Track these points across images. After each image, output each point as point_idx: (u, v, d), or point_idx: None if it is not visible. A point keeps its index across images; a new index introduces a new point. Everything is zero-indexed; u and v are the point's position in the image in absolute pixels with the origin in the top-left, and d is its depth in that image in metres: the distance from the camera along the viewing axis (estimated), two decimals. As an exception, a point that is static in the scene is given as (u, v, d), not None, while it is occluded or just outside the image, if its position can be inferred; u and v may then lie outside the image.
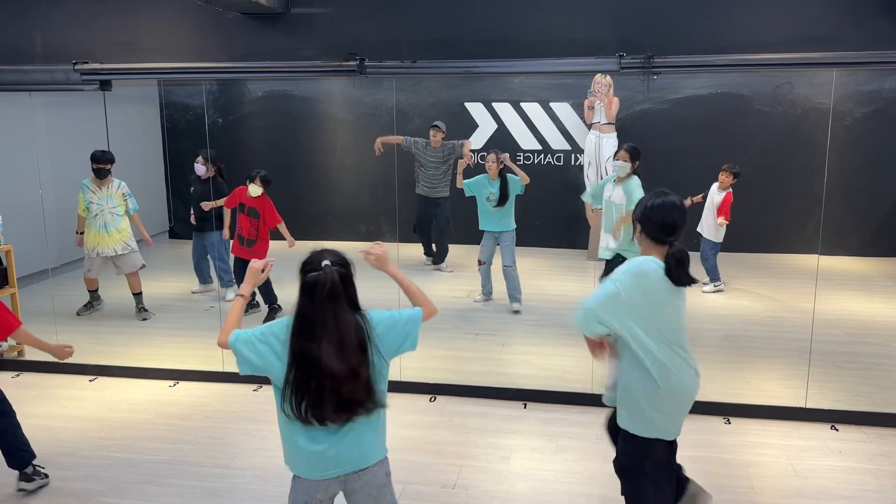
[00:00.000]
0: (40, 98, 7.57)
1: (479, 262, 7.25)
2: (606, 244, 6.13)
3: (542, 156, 10.00)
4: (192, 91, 10.36)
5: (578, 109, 9.77)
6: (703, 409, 4.86)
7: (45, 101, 7.84)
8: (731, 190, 7.73)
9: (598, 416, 4.76)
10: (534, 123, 9.99)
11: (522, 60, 5.12)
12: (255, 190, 6.68)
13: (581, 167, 9.75)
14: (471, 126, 10.09)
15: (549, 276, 7.41)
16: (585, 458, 4.30)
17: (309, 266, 2.56)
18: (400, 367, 5.43)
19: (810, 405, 4.84)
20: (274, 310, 6.89)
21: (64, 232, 8.25)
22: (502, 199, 6.93)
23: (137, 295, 7.12)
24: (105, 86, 5.64)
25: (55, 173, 8.21)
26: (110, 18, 5.58)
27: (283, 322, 2.60)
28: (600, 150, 9.20)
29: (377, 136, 10.28)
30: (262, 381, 5.37)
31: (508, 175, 6.97)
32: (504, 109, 10.04)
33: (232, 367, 5.77)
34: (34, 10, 5.64)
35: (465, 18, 5.18)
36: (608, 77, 8.97)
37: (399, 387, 5.23)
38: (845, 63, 4.75)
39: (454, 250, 8.99)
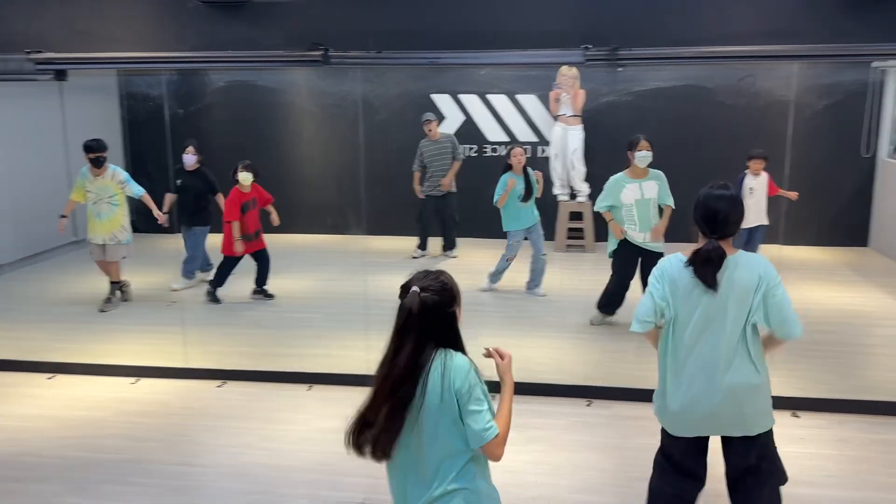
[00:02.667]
0: (-7, 88, 7.34)
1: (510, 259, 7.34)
2: (642, 240, 6.06)
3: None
4: (152, 81, 10.11)
5: (545, 101, 9.78)
6: (669, 398, 4.92)
7: (-2, 91, 7.62)
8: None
9: (568, 407, 4.80)
10: (500, 115, 9.99)
11: (488, 52, 5.10)
12: (246, 178, 6.77)
13: (547, 159, 9.77)
14: (438, 117, 10.05)
15: (516, 269, 7.42)
16: (555, 448, 4.31)
17: (403, 288, 2.33)
18: (368, 361, 5.39)
19: (773, 393, 4.90)
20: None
21: (20, 226, 8.04)
22: (528, 194, 7.09)
23: (113, 283, 7.04)
24: (61, 76, 5.47)
25: (10, 167, 7.98)
26: (66, 6, 5.42)
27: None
28: (566, 142, 9.24)
29: (343, 128, 10.18)
30: (226, 377, 5.30)
31: (527, 168, 7.16)
32: (471, 101, 10.02)
33: (195, 362, 5.68)
34: (-15, -4, 5.46)
35: (431, 9, 5.14)
36: (574, 69, 8.99)
37: (367, 380, 5.17)
38: (806, 56, 4.82)
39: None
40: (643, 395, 4.91)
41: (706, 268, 2.87)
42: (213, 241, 7.47)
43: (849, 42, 4.67)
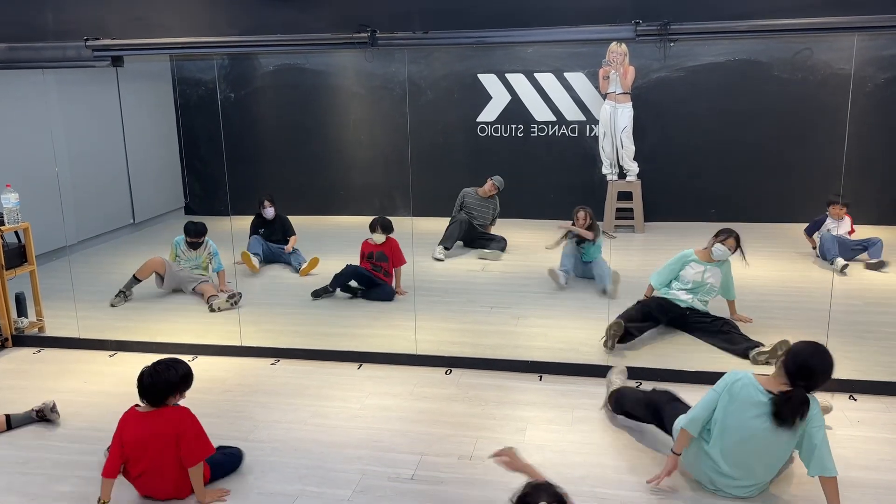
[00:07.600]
0: (53, 75, 7.58)
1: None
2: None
3: (557, 127, 9.91)
4: (204, 66, 10.33)
5: (593, 79, 9.65)
6: (720, 379, 4.85)
7: (58, 77, 7.86)
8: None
9: (615, 388, 4.77)
10: (548, 94, 9.89)
11: (536, 29, 5.04)
12: (379, 238, 6.83)
13: (596, 138, 9.66)
14: (484, 98, 10.01)
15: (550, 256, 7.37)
16: (601, 429, 4.31)
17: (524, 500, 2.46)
18: (416, 341, 5.46)
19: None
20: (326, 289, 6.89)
21: (81, 209, 8.32)
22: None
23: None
24: (117, 62, 5.61)
25: (70, 150, 8.25)
26: (121, -6, 5.56)
27: None
28: (615, 120, 9.11)
29: (390, 109, 10.20)
30: (279, 355, 5.43)
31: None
32: (518, 80, 9.94)
33: (250, 341, 5.81)
34: (45, -14, 5.62)
35: (477, -13, 5.11)
36: (623, 45, 8.84)
37: (415, 360, 5.25)
38: (866, 27, 4.63)
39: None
40: (692, 378, 4.88)
41: (788, 408, 3.35)
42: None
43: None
